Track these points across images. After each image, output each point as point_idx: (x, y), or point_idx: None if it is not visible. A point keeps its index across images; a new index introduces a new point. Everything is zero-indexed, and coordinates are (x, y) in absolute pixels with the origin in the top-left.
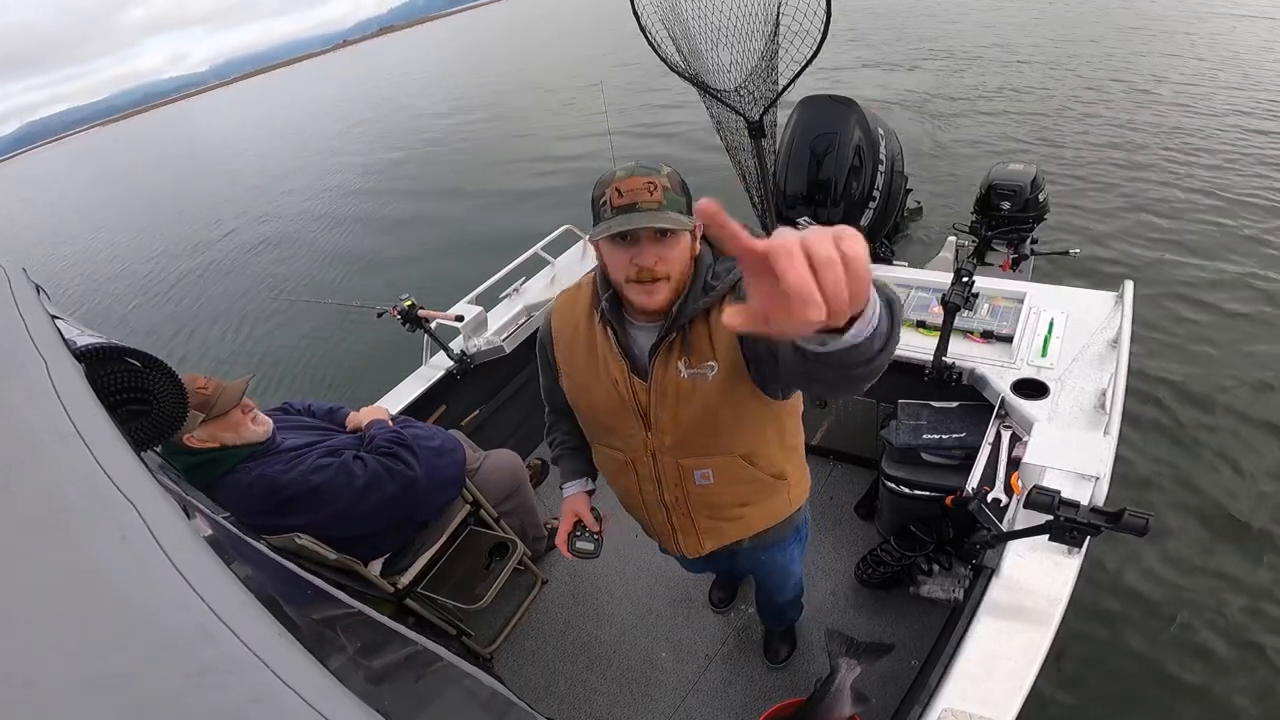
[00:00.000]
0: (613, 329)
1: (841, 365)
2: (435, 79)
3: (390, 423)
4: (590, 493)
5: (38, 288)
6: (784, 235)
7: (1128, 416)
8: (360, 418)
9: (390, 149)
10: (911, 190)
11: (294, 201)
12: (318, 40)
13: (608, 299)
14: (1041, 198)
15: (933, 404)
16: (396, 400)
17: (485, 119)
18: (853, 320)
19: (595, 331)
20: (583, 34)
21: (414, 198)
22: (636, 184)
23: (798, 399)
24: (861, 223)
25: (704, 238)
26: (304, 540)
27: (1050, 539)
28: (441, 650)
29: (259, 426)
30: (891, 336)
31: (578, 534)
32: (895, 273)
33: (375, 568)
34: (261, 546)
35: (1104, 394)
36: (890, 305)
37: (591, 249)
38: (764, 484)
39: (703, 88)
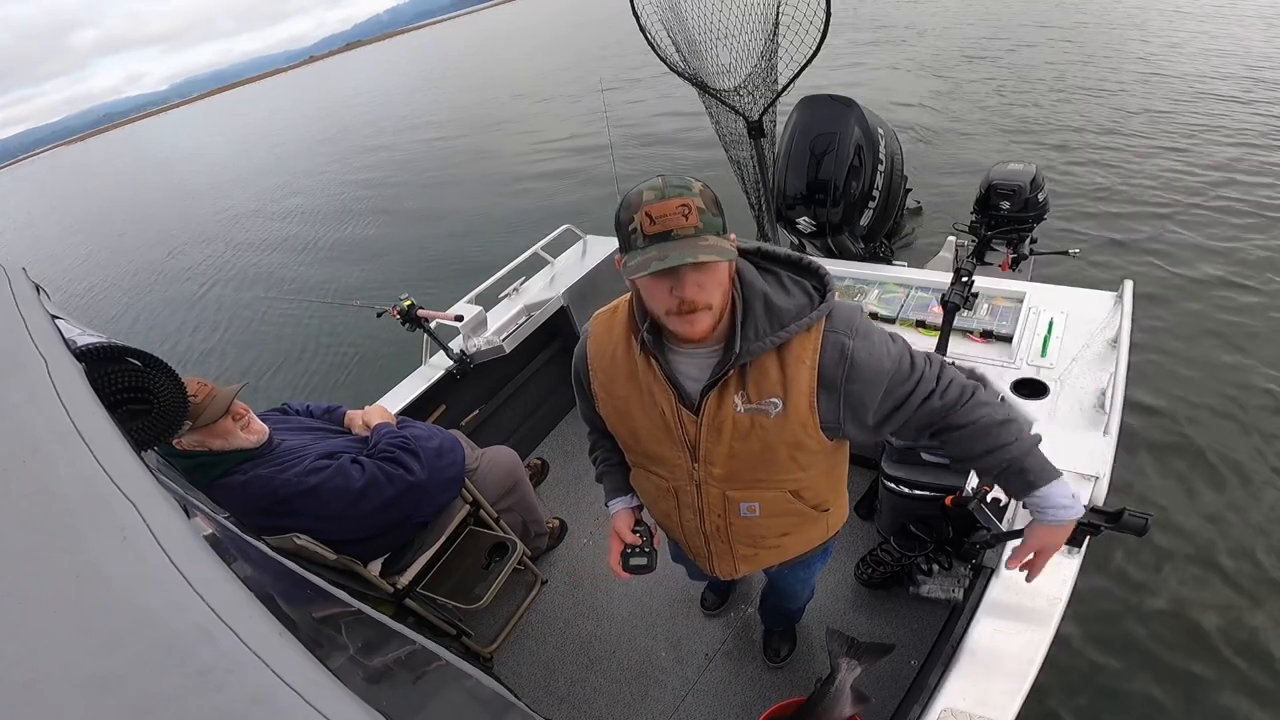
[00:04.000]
0: (656, 359)
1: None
2: (411, 93)
3: (394, 423)
4: (637, 508)
5: (37, 287)
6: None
7: (1127, 416)
8: (368, 416)
9: (370, 166)
10: (911, 190)
11: (279, 216)
12: (282, 57)
13: (648, 329)
14: (1041, 197)
15: None
16: (396, 400)
17: (461, 134)
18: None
19: (635, 358)
20: (551, 45)
21: (395, 217)
22: (669, 208)
23: None
24: (861, 222)
25: (745, 251)
26: (303, 540)
27: None
28: (441, 650)
29: (251, 435)
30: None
31: (629, 551)
32: (895, 272)
33: (375, 568)
34: (261, 546)
35: (1103, 394)
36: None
37: (592, 249)
38: (807, 515)
39: (702, 88)
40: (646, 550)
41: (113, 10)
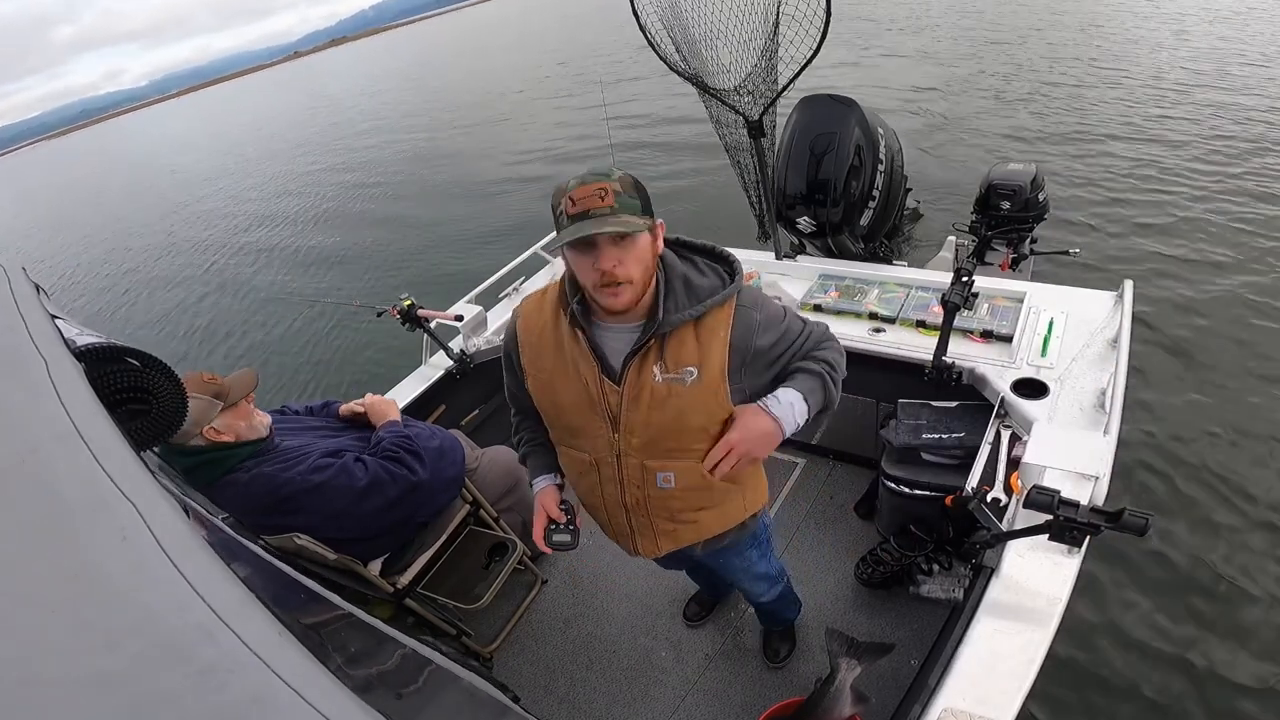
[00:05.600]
0: (582, 330)
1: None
2: (401, 90)
3: (400, 421)
4: (560, 486)
5: (37, 287)
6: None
7: (1127, 416)
8: (379, 407)
9: (365, 165)
10: (911, 190)
11: (274, 215)
12: (265, 53)
13: (577, 302)
14: (1041, 197)
15: (932, 404)
16: (396, 399)
17: (458, 131)
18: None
19: (563, 333)
20: (543, 41)
21: (394, 216)
22: (588, 191)
23: None
24: (861, 222)
25: (666, 240)
26: (303, 540)
27: (1050, 539)
28: (436, 655)
29: (262, 418)
30: (826, 403)
31: (552, 528)
32: (895, 272)
33: (375, 567)
34: (256, 549)
35: (1104, 394)
36: (823, 384)
37: None
38: (719, 489)
39: (702, 87)
40: (570, 528)
41: (90, 6)
